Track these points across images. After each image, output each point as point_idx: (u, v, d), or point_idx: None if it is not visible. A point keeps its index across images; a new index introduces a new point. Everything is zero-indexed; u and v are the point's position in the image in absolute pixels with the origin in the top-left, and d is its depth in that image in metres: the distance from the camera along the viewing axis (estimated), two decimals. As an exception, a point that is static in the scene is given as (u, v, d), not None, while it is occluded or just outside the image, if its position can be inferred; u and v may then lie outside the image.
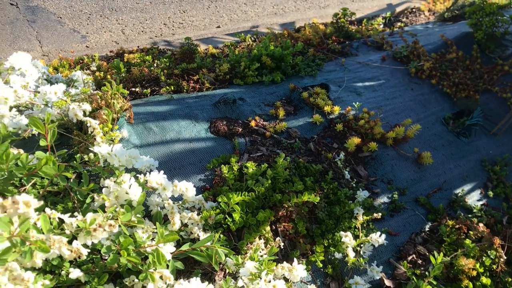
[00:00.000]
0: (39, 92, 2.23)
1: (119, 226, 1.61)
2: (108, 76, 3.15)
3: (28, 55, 2.36)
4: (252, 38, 4.23)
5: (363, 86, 3.29)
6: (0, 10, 4.56)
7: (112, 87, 2.30)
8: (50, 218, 1.59)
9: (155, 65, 3.29)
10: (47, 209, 1.64)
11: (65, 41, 4.32)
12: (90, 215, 1.58)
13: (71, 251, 1.35)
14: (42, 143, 1.83)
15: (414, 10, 5.55)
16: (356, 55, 3.80)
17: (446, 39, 3.91)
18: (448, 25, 4.78)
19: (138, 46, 4.18)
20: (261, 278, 1.46)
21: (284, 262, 1.52)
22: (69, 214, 1.59)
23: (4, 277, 1.35)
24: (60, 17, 4.64)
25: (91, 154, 1.95)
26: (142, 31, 4.73)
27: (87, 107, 2.14)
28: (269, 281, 1.45)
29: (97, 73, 3.31)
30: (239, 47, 4.04)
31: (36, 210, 1.41)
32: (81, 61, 3.67)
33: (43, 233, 1.41)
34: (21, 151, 1.94)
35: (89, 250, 1.43)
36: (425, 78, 3.54)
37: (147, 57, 3.57)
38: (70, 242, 1.48)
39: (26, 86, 2.05)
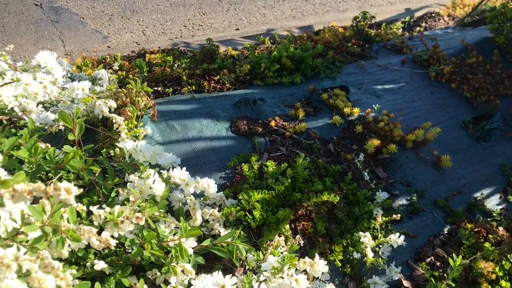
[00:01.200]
0: (65, 89, 2.30)
1: (145, 219, 1.65)
2: (130, 76, 3.21)
3: (53, 53, 2.43)
4: (271, 41, 4.26)
5: (383, 89, 3.31)
6: (25, 10, 4.66)
7: (137, 85, 2.35)
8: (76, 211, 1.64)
9: (175, 65, 3.34)
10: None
11: (87, 41, 4.40)
12: (117, 208, 1.62)
13: (100, 241, 1.39)
14: (70, 137, 1.88)
15: (433, 15, 5.54)
16: (375, 58, 3.81)
17: (466, 44, 3.90)
18: (468, 30, 4.77)
19: (159, 47, 4.24)
20: (283, 272, 1.48)
21: (306, 257, 1.54)
22: (97, 206, 1.63)
23: (36, 265, 1.39)
24: (83, 18, 4.73)
25: (117, 149, 2.00)
26: (163, 33, 4.79)
27: (113, 103, 2.18)
28: (291, 275, 1.48)
29: (119, 73, 3.37)
30: (258, 49, 4.07)
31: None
32: (103, 61, 3.74)
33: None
34: (48, 145, 2.00)
35: (114, 244, 1.47)
36: (444, 82, 3.54)
37: (168, 57, 3.63)
38: (98, 234, 1.52)
39: (55, 82, 2.11)
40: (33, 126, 2.08)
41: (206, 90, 3.02)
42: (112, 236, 1.59)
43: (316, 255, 1.55)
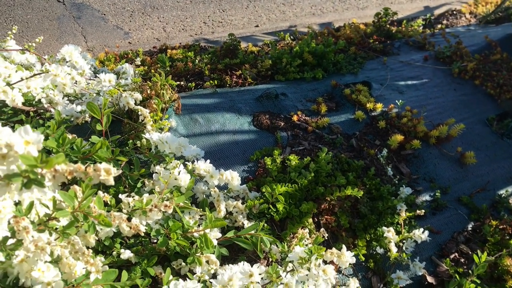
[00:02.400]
0: (89, 83, 2.33)
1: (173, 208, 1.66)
2: (152, 71, 3.23)
3: (77, 47, 2.46)
4: (292, 37, 4.26)
5: (405, 85, 3.28)
6: (48, 7, 4.73)
7: (161, 78, 2.37)
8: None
9: (197, 60, 3.36)
10: (100, 192, 1.70)
11: (109, 37, 4.45)
12: (146, 196, 1.63)
13: (130, 228, 1.40)
14: (98, 127, 1.91)
15: (455, 12, 5.47)
16: (397, 54, 3.78)
17: (490, 40, 3.85)
18: (491, 27, 4.70)
19: (180, 43, 4.27)
20: (310, 263, 1.48)
21: (333, 248, 1.54)
22: (125, 195, 1.65)
23: (66, 250, 1.41)
24: (104, 14, 4.78)
25: (144, 140, 2.02)
26: (183, 29, 4.82)
27: (138, 96, 2.21)
28: (319, 265, 1.48)
29: (141, 67, 3.40)
30: (278, 45, 4.07)
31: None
32: (125, 56, 3.78)
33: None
34: (75, 136, 2.03)
35: (144, 230, 1.48)
36: (468, 78, 3.50)
37: (189, 53, 3.64)
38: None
39: (82, 73, 2.14)
40: (59, 117, 2.11)
41: (228, 85, 3.03)
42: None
43: (344, 246, 1.55)
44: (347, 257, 1.51)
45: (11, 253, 1.34)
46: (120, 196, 1.66)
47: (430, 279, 2.18)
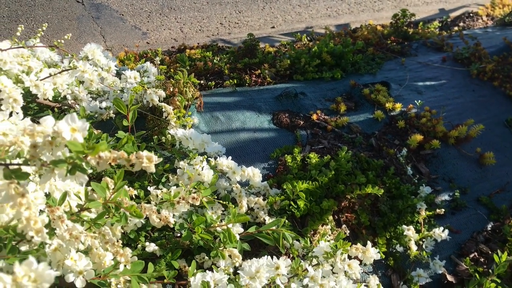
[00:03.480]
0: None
1: (193, 203, 1.69)
2: (172, 70, 3.28)
3: (100, 46, 2.51)
4: (308, 38, 4.28)
5: (424, 86, 3.29)
6: (67, 7, 4.80)
7: (184, 76, 2.41)
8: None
9: (215, 60, 3.39)
10: (125, 187, 1.74)
11: (127, 37, 4.50)
12: (174, 189, 1.67)
13: (160, 219, 1.43)
14: (124, 123, 1.94)
15: (471, 15, 5.45)
16: (415, 55, 3.79)
17: (509, 42, 3.84)
18: (509, 29, 4.68)
19: (198, 43, 4.31)
20: (336, 257, 1.50)
21: (358, 244, 1.56)
22: (154, 187, 1.69)
23: (97, 241, 1.44)
24: (122, 14, 4.84)
25: (169, 136, 2.05)
26: (200, 30, 4.86)
27: (162, 93, 2.24)
28: (344, 260, 1.49)
29: (160, 67, 3.44)
30: (295, 46, 4.10)
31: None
32: (145, 55, 3.83)
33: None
34: (100, 131, 2.07)
35: (173, 221, 1.51)
36: (486, 80, 3.49)
37: (207, 53, 3.68)
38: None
39: (109, 70, 2.18)
40: (84, 113, 2.16)
41: (247, 84, 3.06)
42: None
43: (368, 242, 1.57)
44: (371, 253, 1.53)
45: (44, 242, 1.37)
46: (149, 188, 1.69)
47: (450, 277, 2.18)
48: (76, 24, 4.58)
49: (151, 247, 1.80)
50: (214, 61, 3.30)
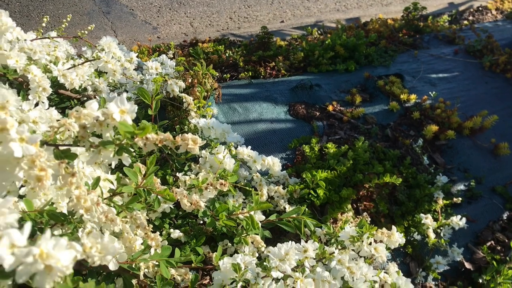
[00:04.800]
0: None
1: (221, 189, 1.71)
2: (185, 63, 3.30)
3: (115, 39, 2.54)
4: (319, 32, 4.30)
5: (437, 78, 3.31)
6: (78, 2, 4.83)
7: (202, 67, 2.43)
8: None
9: (227, 54, 3.42)
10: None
11: (138, 32, 4.53)
12: (201, 175, 1.70)
13: (191, 203, 1.46)
14: (150, 112, 1.97)
15: (480, 8, 5.46)
16: (427, 48, 3.81)
17: (520, 35, 3.86)
18: (519, 22, 4.70)
19: (209, 37, 4.33)
20: (362, 241, 1.53)
21: (383, 228, 1.58)
22: (182, 173, 1.72)
23: (127, 225, 1.48)
24: (132, 9, 4.87)
25: (192, 125, 2.08)
26: (210, 24, 4.88)
27: (182, 84, 2.27)
28: (370, 243, 1.52)
29: (179, 58, 3.47)
30: (306, 39, 4.12)
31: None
32: (158, 49, 3.85)
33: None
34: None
35: (204, 206, 1.54)
36: (499, 72, 3.51)
37: (220, 46, 3.71)
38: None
39: (131, 60, 2.21)
40: (104, 104, 2.19)
41: (262, 76, 3.09)
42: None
43: (393, 226, 1.59)
44: (396, 237, 1.55)
45: (78, 225, 1.40)
46: (177, 174, 1.72)
47: (467, 265, 2.21)
48: (87, 19, 4.60)
49: (176, 233, 1.83)
50: (229, 53, 3.33)
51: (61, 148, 0.98)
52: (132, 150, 1.04)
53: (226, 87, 2.82)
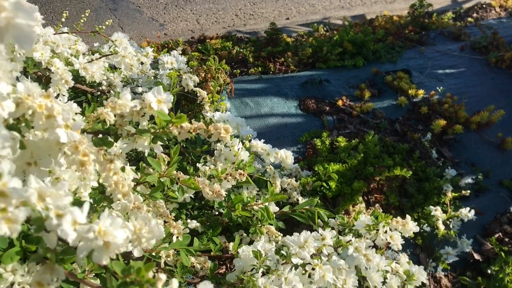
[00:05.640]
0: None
1: (240, 179, 1.76)
2: (198, 59, 3.35)
3: (126, 35, 2.58)
4: (325, 28, 4.34)
5: (444, 73, 3.36)
6: (85, -1, 4.86)
7: (215, 62, 2.48)
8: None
9: (239, 49, 3.46)
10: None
11: (145, 28, 4.57)
12: (220, 165, 1.74)
13: (212, 192, 1.51)
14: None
15: (484, 6, 5.50)
16: (434, 45, 3.85)
17: (525, 32, 3.90)
18: (523, 19, 4.74)
19: (217, 34, 4.37)
20: (377, 230, 1.57)
21: (398, 217, 1.63)
22: (202, 164, 1.76)
23: (150, 214, 1.52)
24: (139, 6, 4.90)
25: (207, 118, 2.13)
26: (216, 21, 4.92)
27: (196, 78, 2.31)
28: (385, 232, 1.57)
29: (193, 53, 3.52)
30: (312, 36, 4.16)
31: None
32: (166, 45, 3.90)
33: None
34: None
35: (225, 195, 1.58)
36: (505, 68, 3.55)
37: (228, 43, 3.75)
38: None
39: (147, 55, 2.25)
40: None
41: (271, 72, 3.13)
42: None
43: (407, 215, 1.64)
44: (411, 226, 1.60)
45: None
46: (198, 165, 1.77)
47: (476, 256, 2.26)
48: (94, 16, 4.64)
49: (193, 224, 1.87)
50: (239, 49, 3.37)
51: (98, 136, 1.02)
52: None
53: (237, 82, 2.87)
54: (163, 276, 0.71)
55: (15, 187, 0.57)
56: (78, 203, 0.73)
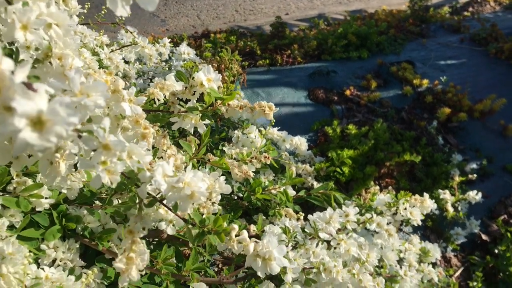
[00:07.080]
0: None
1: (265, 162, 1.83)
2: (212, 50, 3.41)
3: (135, 29, 2.63)
4: (325, 23, 4.42)
5: (446, 64, 3.46)
6: (86, -5, 4.88)
7: (228, 53, 2.54)
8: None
9: (248, 41, 3.52)
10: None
11: (147, 24, 4.62)
12: (245, 149, 1.81)
13: (241, 172, 1.57)
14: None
15: (479, 0, 5.62)
16: (434, 37, 3.96)
17: (522, 24, 4.01)
18: (517, 12, 4.87)
19: (220, 28, 4.43)
20: (397, 207, 1.65)
21: (416, 195, 1.71)
22: (228, 147, 1.83)
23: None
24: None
25: (223, 108, 2.19)
26: (216, 17, 4.98)
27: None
28: (405, 209, 1.65)
29: (206, 45, 3.57)
30: (313, 30, 4.24)
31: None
32: (171, 40, 3.95)
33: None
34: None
35: (253, 176, 1.65)
36: (504, 59, 3.66)
37: (231, 37, 3.81)
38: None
39: (164, 45, 2.31)
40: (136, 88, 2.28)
41: (279, 64, 3.21)
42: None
43: (425, 193, 1.72)
44: (428, 203, 1.68)
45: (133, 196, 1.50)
46: (224, 148, 1.84)
47: (484, 236, 2.35)
48: (95, 12, 4.66)
49: (215, 206, 1.93)
50: (246, 42, 3.44)
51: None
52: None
53: (247, 73, 2.94)
54: (235, 226, 0.78)
55: (118, 139, 0.64)
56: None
